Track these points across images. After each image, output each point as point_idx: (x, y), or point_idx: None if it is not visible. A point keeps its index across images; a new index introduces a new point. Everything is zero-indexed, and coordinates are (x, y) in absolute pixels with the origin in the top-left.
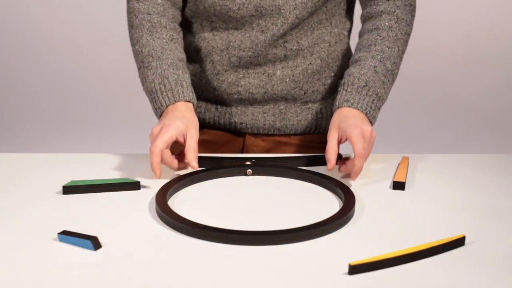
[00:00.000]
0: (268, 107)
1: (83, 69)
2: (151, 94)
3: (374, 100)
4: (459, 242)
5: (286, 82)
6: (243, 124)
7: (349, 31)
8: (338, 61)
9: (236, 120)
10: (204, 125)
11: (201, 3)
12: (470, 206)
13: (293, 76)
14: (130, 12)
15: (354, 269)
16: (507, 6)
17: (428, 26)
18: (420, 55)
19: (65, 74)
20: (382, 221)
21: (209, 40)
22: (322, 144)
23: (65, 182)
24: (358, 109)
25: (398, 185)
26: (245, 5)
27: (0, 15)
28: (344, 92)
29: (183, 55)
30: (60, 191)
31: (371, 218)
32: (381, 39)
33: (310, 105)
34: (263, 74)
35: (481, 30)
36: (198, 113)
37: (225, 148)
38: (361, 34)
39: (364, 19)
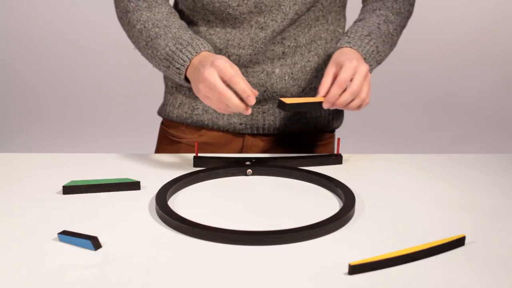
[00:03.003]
0: (267, 106)
1: (83, 69)
2: (167, 58)
3: (373, 51)
4: (459, 242)
5: (285, 80)
6: (243, 125)
7: (344, 28)
8: None
9: (235, 121)
10: (202, 127)
11: (199, 0)
12: (470, 206)
13: (292, 73)
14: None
15: (354, 269)
16: (507, 6)
17: (428, 26)
18: (420, 55)
19: (65, 74)
20: (382, 221)
21: (205, 39)
22: (321, 143)
23: (65, 182)
24: (358, 51)
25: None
26: (245, 1)
27: None
28: (347, 38)
29: (185, 24)
30: (60, 191)
31: (371, 218)
32: (386, 7)
33: None
34: (262, 72)
35: (481, 30)
36: (196, 115)
37: (224, 149)
38: (364, 5)
39: None
